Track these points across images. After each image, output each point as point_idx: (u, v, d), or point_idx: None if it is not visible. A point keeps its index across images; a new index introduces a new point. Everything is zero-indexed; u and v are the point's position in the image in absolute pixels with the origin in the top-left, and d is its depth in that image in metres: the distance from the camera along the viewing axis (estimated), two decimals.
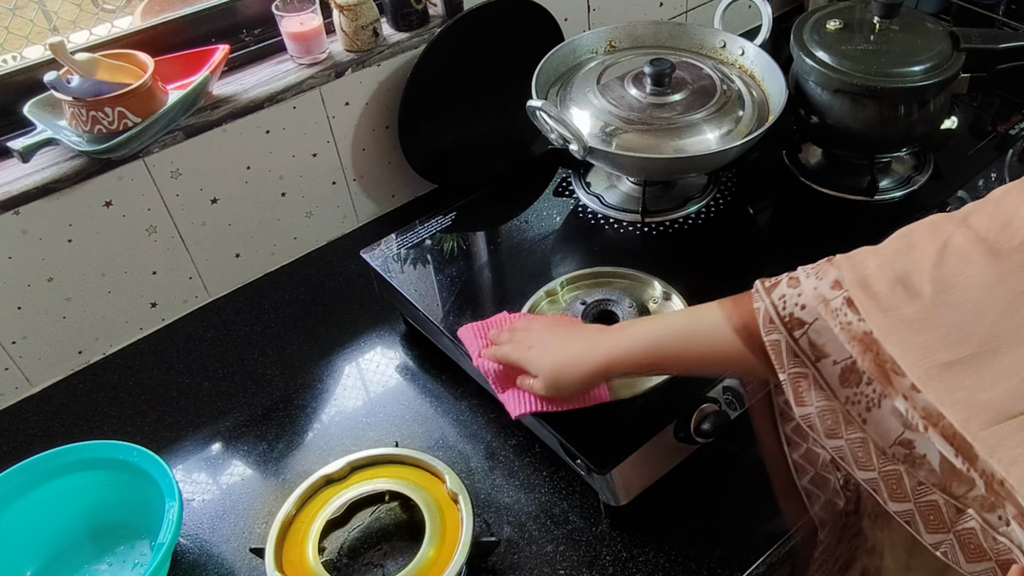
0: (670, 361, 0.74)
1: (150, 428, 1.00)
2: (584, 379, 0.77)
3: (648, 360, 0.74)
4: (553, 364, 0.78)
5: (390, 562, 0.82)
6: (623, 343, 0.75)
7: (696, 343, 0.71)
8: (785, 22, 1.24)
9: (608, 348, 0.75)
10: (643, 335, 0.74)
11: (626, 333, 0.76)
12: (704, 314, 0.70)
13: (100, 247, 1.02)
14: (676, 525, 0.85)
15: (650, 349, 0.73)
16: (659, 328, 0.75)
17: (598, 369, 0.76)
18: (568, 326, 0.83)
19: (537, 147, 1.31)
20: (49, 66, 0.95)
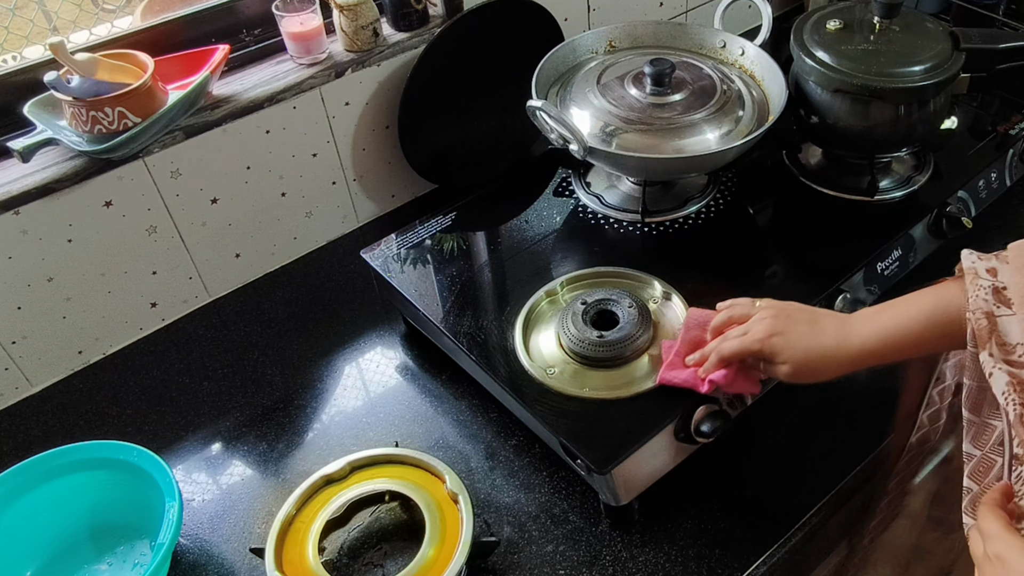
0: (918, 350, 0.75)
1: (150, 428, 1.00)
2: (836, 373, 0.77)
3: (898, 353, 0.75)
4: (805, 356, 0.77)
5: (390, 562, 0.82)
6: (875, 337, 0.75)
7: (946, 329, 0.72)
8: (785, 22, 1.24)
9: (861, 343, 0.75)
10: (894, 327, 0.74)
11: (875, 324, 0.76)
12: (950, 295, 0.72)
13: (100, 247, 1.02)
14: (676, 525, 0.85)
15: (901, 341, 0.74)
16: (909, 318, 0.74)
17: (851, 365, 0.76)
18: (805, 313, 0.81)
19: (537, 147, 1.31)
20: (49, 66, 0.95)
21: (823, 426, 0.92)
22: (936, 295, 0.74)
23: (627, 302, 0.90)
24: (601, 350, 0.87)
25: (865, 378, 0.97)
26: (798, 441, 0.91)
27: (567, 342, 0.89)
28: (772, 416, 0.93)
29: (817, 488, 0.86)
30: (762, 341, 0.78)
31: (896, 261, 1.02)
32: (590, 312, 0.90)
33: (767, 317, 0.80)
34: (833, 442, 0.91)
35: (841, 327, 0.78)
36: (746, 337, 0.80)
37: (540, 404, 0.84)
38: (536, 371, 0.87)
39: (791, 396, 0.94)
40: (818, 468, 0.88)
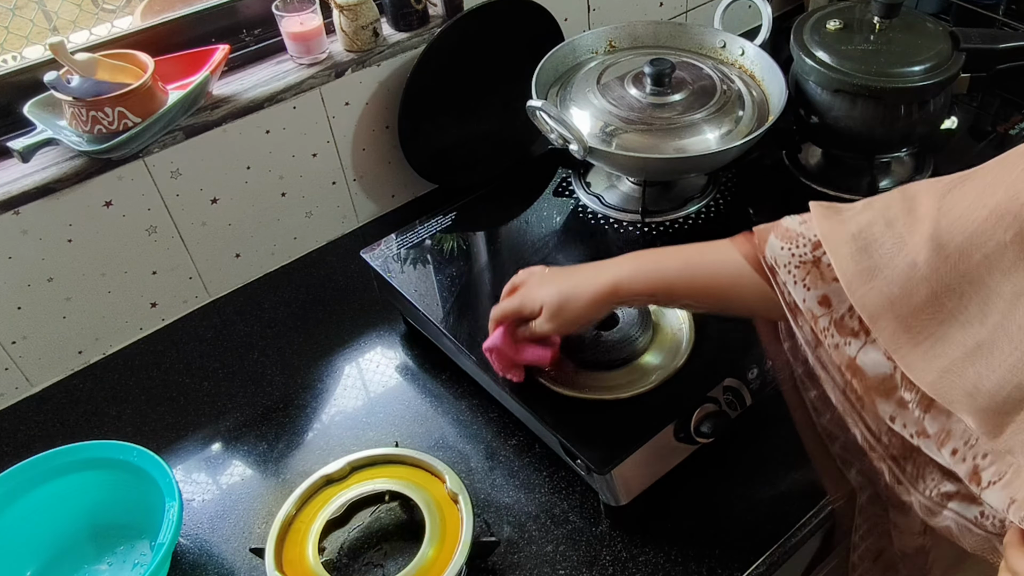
0: (680, 289, 0.72)
1: (150, 428, 1.00)
2: (590, 303, 0.75)
3: (656, 285, 0.73)
4: (558, 293, 0.76)
5: (390, 562, 0.82)
6: (629, 266, 0.74)
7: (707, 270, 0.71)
8: (785, 22, 1.24)
9: (615, 272, 0.74)
10: (653, 261, 0.73)
11: (634, 258, 0.75)
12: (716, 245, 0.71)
13: (100, 247, 1.02)
14: (676, 525, 0.85)
15: (658, 274, 0.72)
16: (669, 255, 0.73)
17: (604, 292, 0.74)
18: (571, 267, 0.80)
19: (537, 147, 1.31)
20: (49, 66, 0.95)
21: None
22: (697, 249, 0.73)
23: None
24: (601, 350, 0.87)
25: None
26: (798, 441, 0.91)
27: (567, 342, 0.89)
28: (772, 416, 0.93)
29: (817, 488, 0.86)
30: (521, 295, 0.79)
31: None
32: None
33: (533, 274, 0.81)
34: None
35: (600, 263, 0.77)
36: (511, 297, 0.81)
37: (540, 404, 0.84)
38: (536, 371, 0.87)
39: None
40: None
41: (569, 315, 0.76)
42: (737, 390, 0.87)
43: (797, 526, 0.83)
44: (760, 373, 0.89)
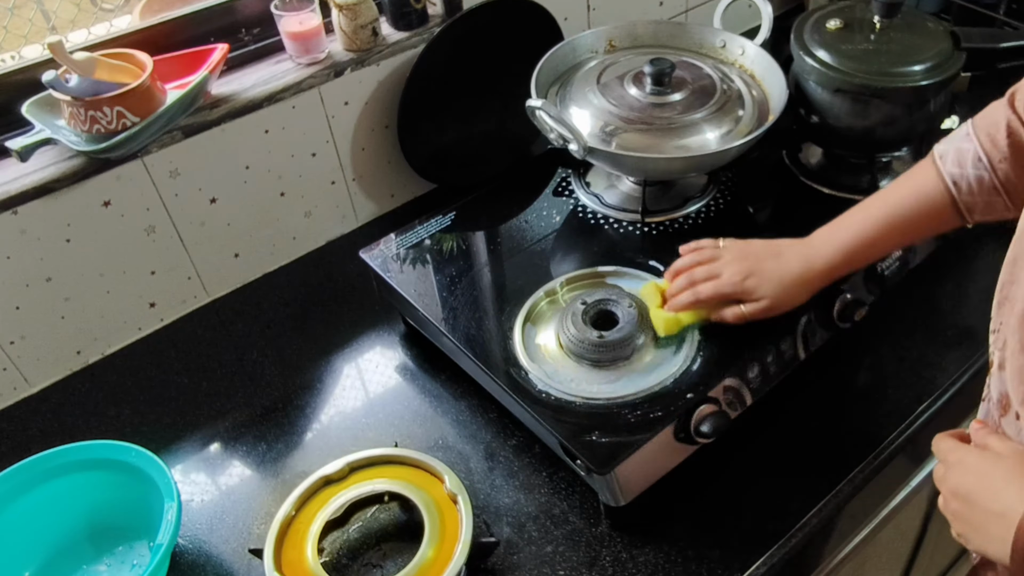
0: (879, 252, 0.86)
1: (149, 428, 0.99)
2: (811, 295, 0.86)
3: (862, 259, 0.85)
4: (780, 287, 0.85)
5: (389, 563, 0.82)
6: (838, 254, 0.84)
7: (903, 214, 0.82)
8: (785, 21, 1.24)
9: (825, 263, 0.84)
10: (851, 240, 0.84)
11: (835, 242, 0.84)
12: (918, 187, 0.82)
13: (99, 247, 1.02)
14: (676, 525, 0.85)
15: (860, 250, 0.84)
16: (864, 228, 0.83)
17: (822, 283, 0.85)
18: (769, 248, 0.88)
19: (537, 147, 1.31)
20: (47, 65, 0.95)
21: (823, 427, 0.92)
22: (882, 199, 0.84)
23: (627, 302, 0.90)
24: (601, 350, 0.86)
25: (866, 379, 0.97)
26: (798, 441, 0.91)
27: (567, 342, 0.88)
28: (772, 416, 0.93)
29: (817, 489, 0.86)
30: (735, 284, 0.86)
31: (896, 261, 1.01)
32: (590, 312, 0.90)
33: (734, 259, 0.87)
34: (833, 444, 0.91)
35: (805, 252, 0.86)
36: (720, 280, 0.86)
37: (540, 404, 0.84)
38: (536, 371, 0.87)
39: (791, 397, 0.94)
40: (818, 469, 0.88)
41: (791, 303, 0.86)
42: (737, 390, 0.87)
43: (797, 526, 0.83)
44: (760, 373, 0.88)
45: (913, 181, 0.83)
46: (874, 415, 0.93)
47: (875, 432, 0.91)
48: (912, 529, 1.19)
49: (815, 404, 0.94)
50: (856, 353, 1.00)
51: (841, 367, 0.98)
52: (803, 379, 0.95)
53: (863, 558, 1.05)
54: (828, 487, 0.86)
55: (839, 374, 0.97)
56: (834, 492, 0.86)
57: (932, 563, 1.39)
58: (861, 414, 0.93)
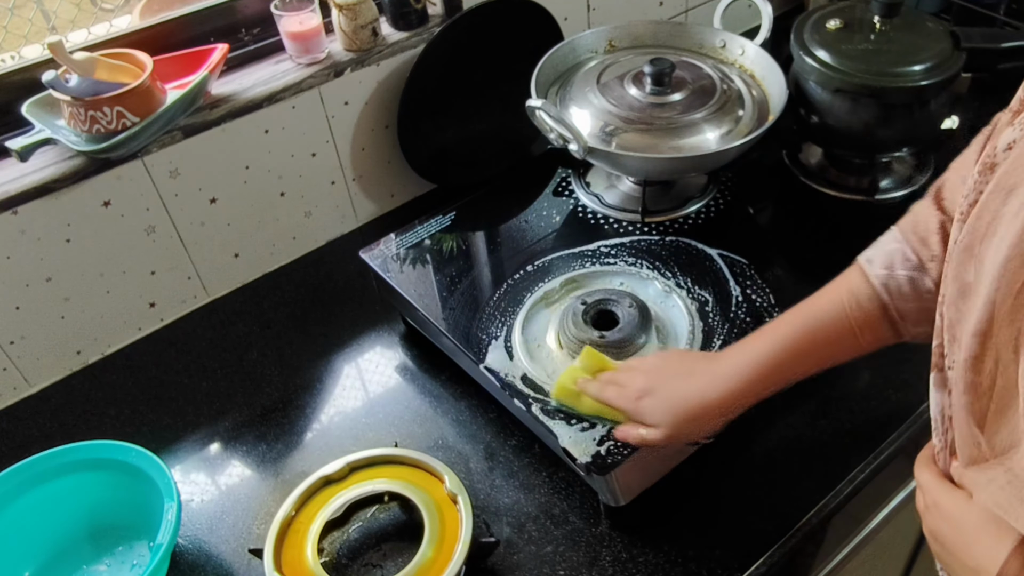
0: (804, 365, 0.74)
1: (148, 428, 0.99)
2: (709, 426, 0.76)
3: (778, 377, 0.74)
4: (671, 416, 0.75)
5: (389, 563, 0.82)
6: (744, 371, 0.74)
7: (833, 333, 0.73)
8: (785, 21, 1.24)
9: (725, 389, 0.74)
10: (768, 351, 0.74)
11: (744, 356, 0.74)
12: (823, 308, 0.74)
13: (98, 247, 1.02)
14: (676, 525, 0.85)
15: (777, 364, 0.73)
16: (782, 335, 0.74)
17: (724, 412, 0.75)
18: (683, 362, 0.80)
19: (537, 147, 1.31)
20: (47, 65, 0.95)
21: (823, 428, 0.92)
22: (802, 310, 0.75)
23: (627, 302, 0.90)
24: (601, 350, 0.86)
25: (866, 379, 0.97)
26: (798, 442, 0.91)
27: (567, 342, 0.88)
28: (772, 417, 0.93)
29: (817, 489, 0.86)
30: (630, 400, 0.77)
31: None
32: (590, 312, 0.90)
33: (644, 372, 0.79)
34: (833, 444, 0.91)
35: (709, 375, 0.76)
36: (621, 391, 0.78)
37: (540, 404, 0.84)
38: (536, 371, 0.87)
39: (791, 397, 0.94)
40: (818, 469, 0.88)
41: (690, 434, 0.77)
42: None
43: (797, 526, 0.83)
44: None
45: (836, 288, 0.75)
46: (874, 415, 0.93)
47: (875, 432, 0.91)
48: (912, 529, 1.19)
49: (815, 404, 0.94)
50: None
51: (841, 367, 0.98)
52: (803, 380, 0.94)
53: (863, 558, 1.05)
54: (828, 487, 0.86)
55: (839, 374, 0.97)
56: (834, 492, 0.86)
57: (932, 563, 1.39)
58: (861, 414, 0.93)
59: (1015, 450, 0.51)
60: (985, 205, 0.53)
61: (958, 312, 0.55)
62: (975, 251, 0.53)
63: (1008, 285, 0.49)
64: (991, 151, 0.54)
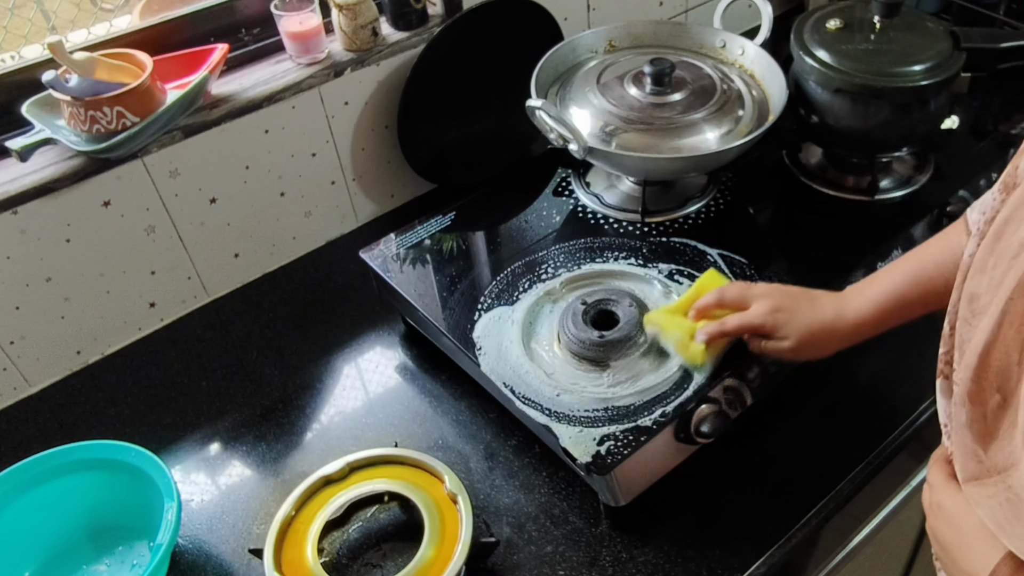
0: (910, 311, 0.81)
1: (148, 428, 0.99)
2: (836, 346, 0.83)
3: (893, 317, 0.81)
4: (808, 331, 0.82)
5: (389, 563, 0.82)
6: (868, 308, 0.81)
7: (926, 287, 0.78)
8: (785, 21, 1.24)
9: (856, 315, 0.81)
10: (883, 295, 0.81)
11: (867, 296, 0.82)
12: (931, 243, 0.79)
13: (98, 247, 1.02)
14: (676, 525, 0.85)
15: (891, 306, 0.80)
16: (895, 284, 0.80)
17: (850, 338, 0.82)
18: (803, 291, 0.86)
19: (537, 147, 1.31)
20: (47, 65, 0.95)
21: (823, 427, 0.92)
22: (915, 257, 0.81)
23: (627, 302, 0.90)
24: (601, 350, 0.86)
25: (866, 379, 0.97)
26: (798, 442, 0.91)
27: (567, 342, 0.88)
28: (772, 417, 0.93)
29: (817, 489, 0.86)
30: (764, 316, 0.83)
31: None
32: (590, 312, 0.90)
33: (766, 294, 0.84)
34: (833, 443, 0.91)
35: (838, 302, 0.83)
36: (748, 312, 0.84)
37: (540, 405, 0.84)
38: (536, 371, 0.87)
39: (791, 397, 0.94)
40: (818, 469, 0.88)
41: (815, 351, 0.83)
42: (737, 390, 0.87)
43: (797, 526, 0.83)
44: (760, 373, 0.88)
45: (944, 236, 0.80)
46: (874, 415, 0.93)
47: (875, 432, 0.91)
48: (912, 529, 1.19)
49: (815, 404, 0.94)
50: (856, 353, 0.99)
51: (841, 367, 0.98)
52: (803, 379, 0.95)
53: (863, 558, 1.05)
54: (828, 487, 0.86)
55: (839, 374, 0.97)
56: (834, 492, 0.86)
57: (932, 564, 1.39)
58: (861, 414, 0.93)
59: (1015, 468, 0.51)
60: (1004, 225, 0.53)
61: (970, 330, 0.55)
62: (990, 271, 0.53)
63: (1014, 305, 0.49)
64: (1012, 171, 0.54)
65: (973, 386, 0.54)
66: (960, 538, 0.58)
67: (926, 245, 0.81)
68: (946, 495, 0.61)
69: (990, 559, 0.54)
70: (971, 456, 0.56)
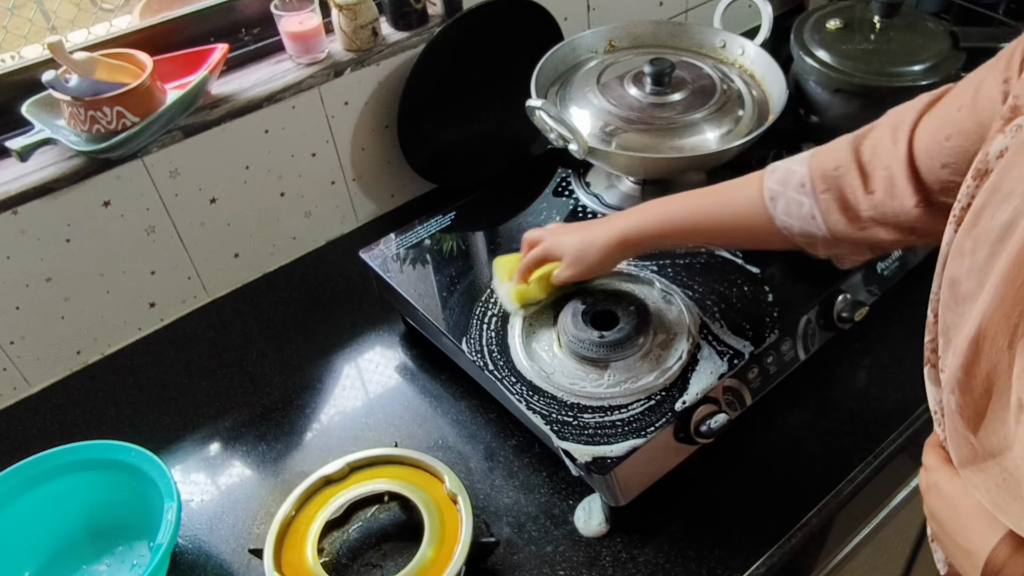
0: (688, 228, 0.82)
1: (148, 428, 0.99)
2: (604, 251, 0.85)
3: (663, 228, 0.83)
4: (578, 242, 0.86)
5: (389, 563, 0.82)
6: (636, 215, 0.84)
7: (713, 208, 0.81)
8: (785, 21, 1.24)
9: (624, 222, 0.84)
10: (659, 206, 0.84)
11: (644, 207, 0.85)
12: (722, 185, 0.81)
13: (98, 247, 1.02)
14: (676, 525, 0.85)
15: (665, 217, 0.83)
16: (676, 200, 0.83)
17: (615, 240, 0.84)
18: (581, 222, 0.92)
19: (537, 147, 1.31)
20: (47, 65, 0.95)
21: (823, 427, 0.92)
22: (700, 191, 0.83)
23: (627, 302, 0.90)
24: (601, 350, 0.86)
25: (865, 379, 0.97)
26: (798, 442, 0.91)
27: (567, 342, 0.88)
28: (772, 417, 0.93)
29: (817, 489, 0.86)
30: (545, 248, 0.89)
31: (896, 261, 1.01)
32: (590, 312, 0.90)
33: (554, 231, 0.91)
34: (833, 443, 0.91)
35: (607, 220, 0.87)
36: (536, 248, 0.90)
37: (540, 405, 0.84)
38: (536, 371, 0.87)
39: (791, 397, 0.94)
40: (818, 469, 0.88)
41: (587, 262, 0.86)
42: (737, 390, 0.87)
43: (797, 526, 0.83)
44: (760, 373, 0.88)
45: (740, 183, 0.82)
46: (874, 415, 0.93)
47: (875, 432, 0.91)
48: (912, 529, 1.19)
49: (815, 404, 0.94)
50: (856, 353, 1.00)
51: (841, 367, 0.98)
52: (803, 379, 0.95)
53: (863, 558, 1.05)
54: (828, 487, 0.86)
55: (839, 374, 0.97)
56: (834, 492, 0.86)
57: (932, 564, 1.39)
58: (861, 414, 0.93)
59: (1010, 450, 0.52)
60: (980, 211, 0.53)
61: (955, 316, 0.56)
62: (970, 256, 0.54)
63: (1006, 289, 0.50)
64: (983, 157, 0.55)
65: (962, 373, 0.54)
66: (958, 518, 0.59)
67: (722, 184, 0.83)
68: (942, 476, 0.61)
69: (989, 538, 0.55)
70: (964, 441, 0.57)
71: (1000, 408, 0.53)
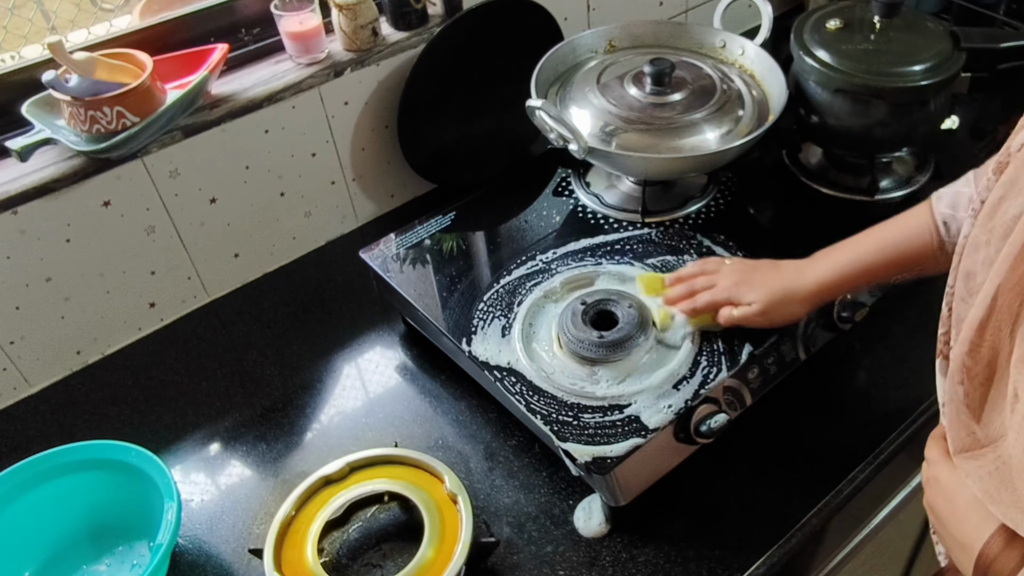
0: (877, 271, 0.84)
1: (148, 428, 0.99)
2: (801, 305, 0.86)
3: (854, 276, 0.84)
4: (768, 294, 0.86)
5: (389, 563, 0.82)
6: (827, 266, 0.85)
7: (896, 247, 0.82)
8: (785, 21, 1.24)
9: (816, 274, 0.85)
10: (847, 258, 0.85)
11: (829, 259, 0.86)
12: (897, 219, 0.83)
13: (98, 247, 1.02)
14: (676, 525, 0.85)
15: (855, 266, 0.84)
16: (861, 244, 0.85)
17: (812, 294, 0.85)
18: (768, 263, 0.91)
19: (537, 147, 1.31)
20: (47, 65, 0.95)
21: (823, 427, 0.92)
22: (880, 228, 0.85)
23: (627, 302, 0.90)
24: (601, 350, 0.86)
25: (865, 379, 0.97)
26: (798, 442, 0.91)
27: (567, 342, 0.88)
28: (772, 417, 0.93)
29: (817, 489, 0.86)
30: (727, 290, 0.88)
31: None
32: (590, 312, 0.90)
33: (732, 271, 0.90)
34: (833, 443, 0.91)
35: (799, 266, 0.88)
36: (715, 289, 0.89)
37: (540, 405, 0.84)
38: (535, 371, 0.87)
39: (791, 397, 0.94)
40: (818, 469, 0.88)
41: (786, 314, 0.87)
42: (737, 390, 0.87)
43: (797, 526, 0.83)
44: (760, 373, 0.88)
45: (908, 216, 0.83)
46: (874, 415, 0.93)
47: (875, 432, 0.91)
48: (912, 529, 1.19)
49: (815, 404, 0.94)
50: (856, 353, 1.00)
51: (841, 367, 0.98)
52: (803, 379, 0.95)
53: (863, 558, 1.05)
54: (828, 487, 0.86)
55: (839, 374, 0.97)
56: (834, 492, 0.86)
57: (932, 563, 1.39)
58: (861, 414, 0.93)
59: (1003, 439, 0.53)
60: (997, 204, 0.53)
61: (966, 308, 0.56)
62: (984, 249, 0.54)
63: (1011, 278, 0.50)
64: (1005, 151, 0.55)
65: (968, 360, 0.55)
66: (955, 511, 0.60)
67: (890, 220, 0.85)
68: (942, 469, 0.62)
69: (983, 531, 0.56)
70: (964, 429, 0.58)
71: (999, 396, 0.54)
